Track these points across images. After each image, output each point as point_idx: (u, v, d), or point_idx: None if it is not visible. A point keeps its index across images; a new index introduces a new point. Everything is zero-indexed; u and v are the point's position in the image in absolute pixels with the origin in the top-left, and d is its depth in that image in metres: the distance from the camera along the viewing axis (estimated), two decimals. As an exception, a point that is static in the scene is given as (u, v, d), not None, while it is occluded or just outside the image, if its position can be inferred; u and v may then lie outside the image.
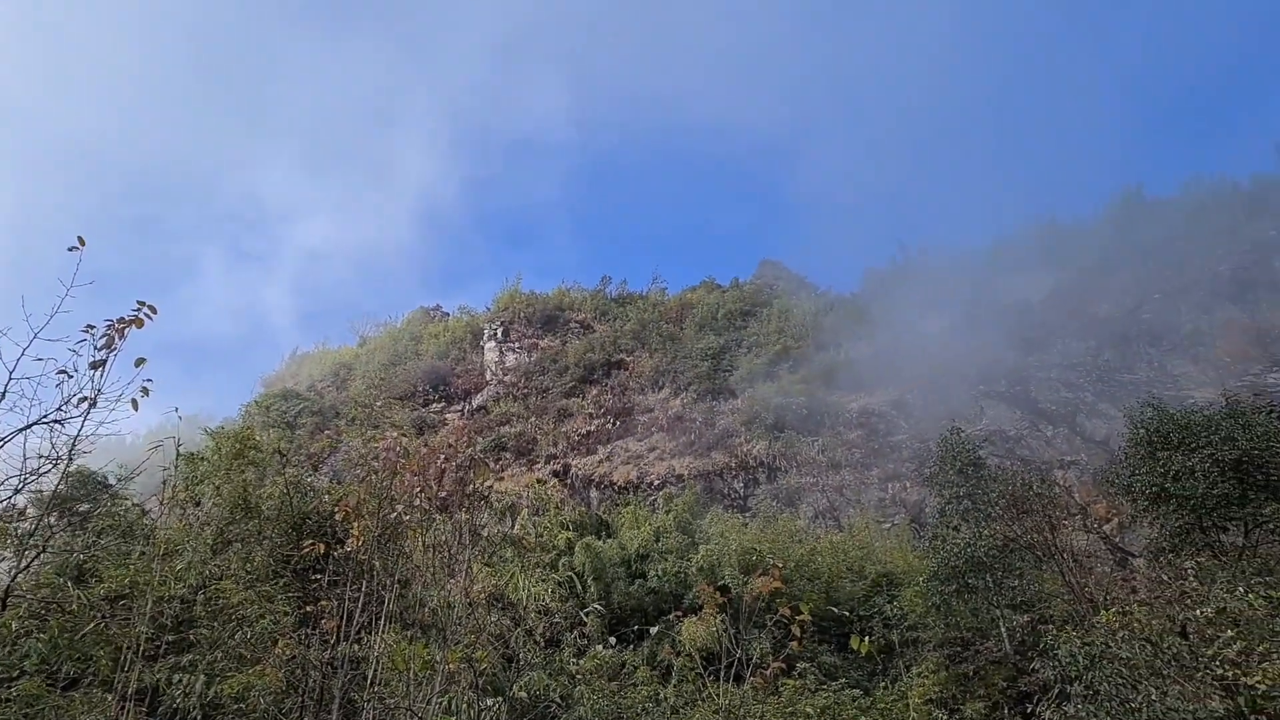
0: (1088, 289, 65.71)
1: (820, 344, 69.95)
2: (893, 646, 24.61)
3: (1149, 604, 15.36)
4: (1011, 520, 23.00)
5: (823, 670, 22.70)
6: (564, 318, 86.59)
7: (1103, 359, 56.55)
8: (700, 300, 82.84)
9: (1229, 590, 14.19)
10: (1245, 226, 65.80)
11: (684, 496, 37.39)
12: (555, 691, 12.47)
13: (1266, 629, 13.51)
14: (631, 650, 24.35)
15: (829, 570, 28.92)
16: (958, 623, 23.64)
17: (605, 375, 72.74)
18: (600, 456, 59.88)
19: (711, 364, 68.80)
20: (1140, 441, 22.19)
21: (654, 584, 27.81)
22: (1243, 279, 60.10)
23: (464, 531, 8.19)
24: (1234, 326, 57.46)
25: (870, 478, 50.93)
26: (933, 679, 20.96)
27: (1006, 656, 21.90)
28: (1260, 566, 19.82)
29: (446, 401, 75.17)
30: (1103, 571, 24.88)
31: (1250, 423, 21.17)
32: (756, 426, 57.17)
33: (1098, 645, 14.90)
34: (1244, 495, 20.57)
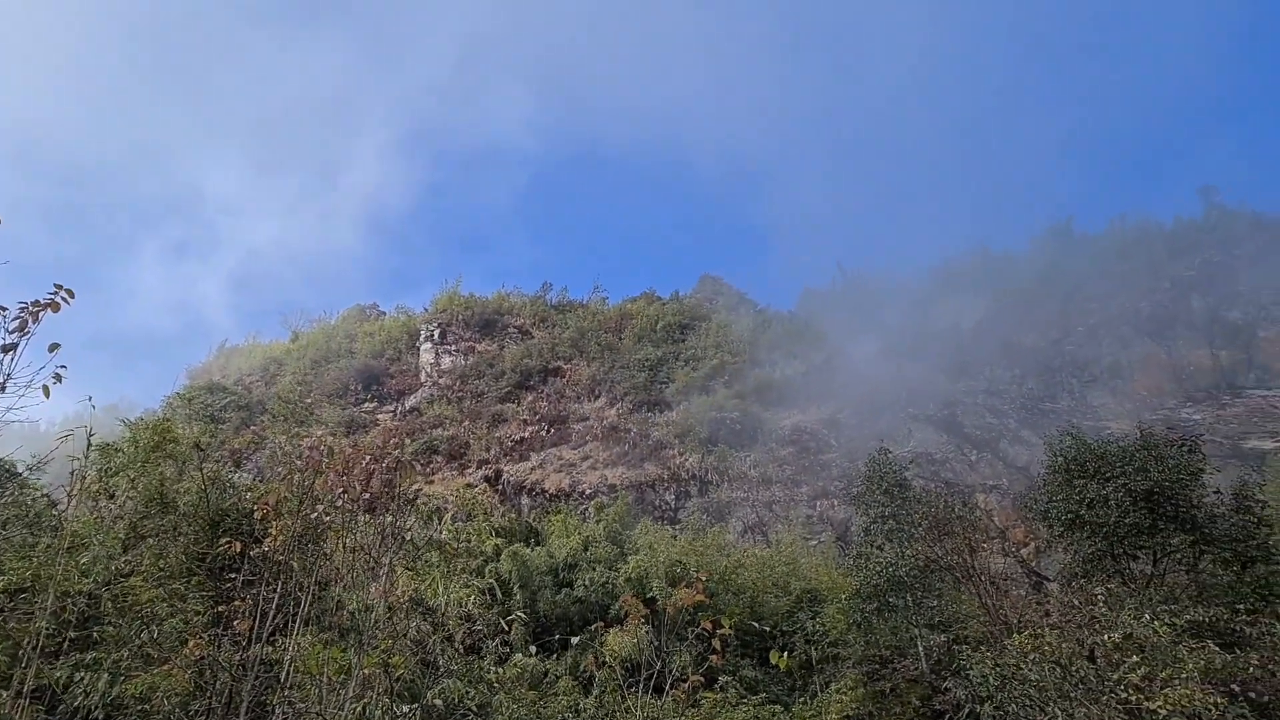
0: (1016, 319, 67.84)
1: (757, 360, 70.73)
2: (813, 662, 24.90)
3: (1060, 628, 15.84)
4: (933, 541, 23.50)
5: (744, 684, 22.83)
6: (503, 322, 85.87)
7: (1027, 387, 58.43)
8: (640, 311, 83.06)
9: (1136, 617, 14.72)
10: (1166, 266, 68.84)
11: (615, 507, 37.28)
12: (473, 700, 12.28)
13: (1169, 655, 14.07)
14: (555, 659, 24.15)
15: (754, 585, 29.14)
16: (877, 641, 24.04)
17: (542, 382, 72.33)
18: (533, 463, 59.45)
19: (648, 375, 68.99)
20: (1059, 469, 22.92)
21: (581, 593, 27.65)
22: (1161, 316, 62.82)
23: (388, 534, 8.02)
24: (1151, 362, 59.99)
25: (800, 494, 51.60)
26: (850, 696, 21.26)
27: (923, 675, 22.35)
28: (1166, 595, 20.65)
29: (379, 401, 73.80)
30: (1018, 595, 25.60)
31: (1162, 455, 22.06)
32: (690, 439, 57.48)
33: (1009, 667, 15.31)
34: (1154, 525, 21.40)
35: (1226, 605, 18.81)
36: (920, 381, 60.55)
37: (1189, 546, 21.47)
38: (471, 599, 11.12)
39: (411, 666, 9.18)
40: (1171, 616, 15.49)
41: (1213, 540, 21.35)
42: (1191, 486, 21.75)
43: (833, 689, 22.05)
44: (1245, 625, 17.34)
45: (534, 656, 22.79)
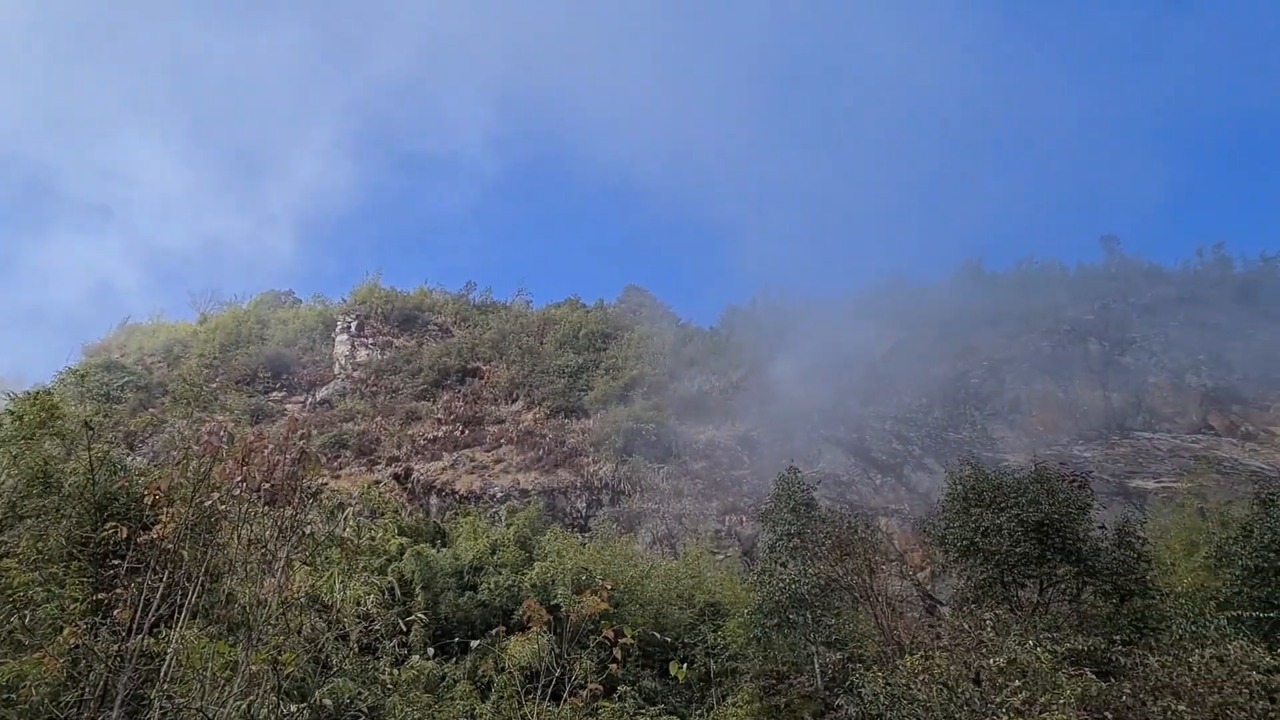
0: (927, 350, 70.16)
1: (676, 374, 71.29)
2: (712, 675, 25.14)
3: (949, 651, 16.38)
4: (835, 561, 24.05)
5: (643, 695, 22.89)
6: (423, 319, 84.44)
7: (933, 417, 60.46)
8: (564, 317, 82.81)
9: (1020, 643, 15.32)
10: (1068, 308, 72.28)
11: (526, 511, 36.98)
12: (366, 701, 11.93)
13: (1049, 681, 14.70)
14: (454, 663, 23.76)
15: (660, 596, 29.28)
16: (775, 656, 24.42)
17: (459, 382, 71.34)
18: (445, 463, 58.50)
19: (568, 382, 68.78)
20: (957, 497, 23.77)
21: (484, 597, 27.31)
22: (1061, 356, 65.92)
23: (286, 527, 7.77)
24: (1049, 399, 62.87)
25: (710, 509, 52.13)
26: (746, 709, 21.53)
27: (817, 692, 22.81)
28: (1050, 623, 21.57)
29: (288, 391, 71.56)
30: (913, 617, 26.40)
31: (1054, 489, 23.11)
32: (605, 448, 57.50)
33: (900, 686, 15.76)
34: (1042, 555, 22.38)
35: (1105, 635, 19.76)
36: (832, 404, 62.02)
37: (1073, 578, 22.52)
38: (370, 598, 10.85)
39: (303, 665, 8.89)
40: (1053, 644, 16.18)
41: (1095, 573, 22.44)
42: (1079, 520, 22.84)
43: (729, 702, 22.30)
44: (1121, 655, 18.24)
45: (432, 659, 22.39)
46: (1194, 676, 14.95)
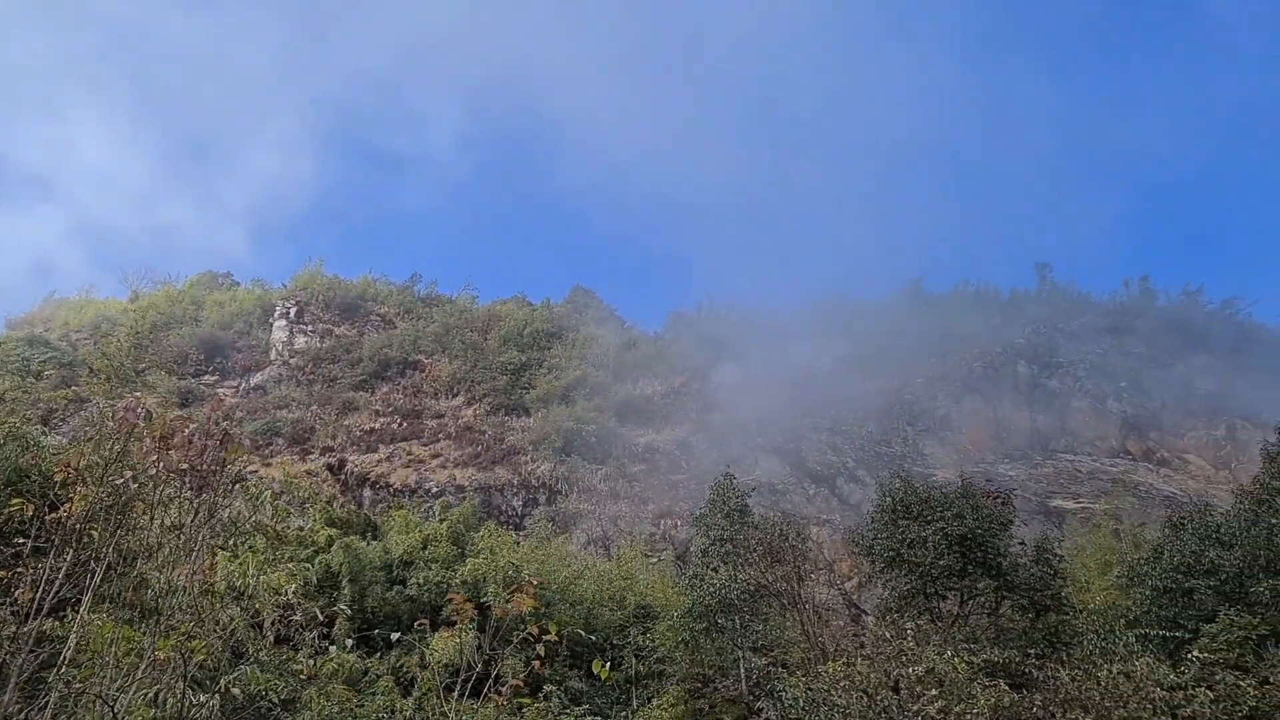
0: (865, 365, 71.50)
1: (619, 376, 71.36)
2: (638, 677, 25.22)
3: (871, 659, 16.72)
4: (766, 567, 24.35)
5: (568, 695, 22.84)
6: (365, 308, 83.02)
7: (867, 430, 61.65)
8: (509, 314, 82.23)
9: (939, 653, 15.72)
10: (1000, 331, 74.40)
11: (461, 507, 36.57)
12: (281, 692, 11.68)
13: (965, 692, 15.11)
14: (378, 658, 23.40)
15: (591, 597, 29.26)
16: (702, 659, 24.61)
17: (400, 374, 70.31)
18: (380, 456, 57.60)
19: (510, 379, 68.32)
20: (886, 509, 24.30)
21: (413, 592, 26.95)
22: (991, 377, 67.84)
23: (207, 511, 7.57)
24: (979, 418, 64.64)
25: (646, 512, 52.31)
26: (670, 712, 21.66)
27: (741, 696, 23.04)
28: (969, 634, 22.17)
29: (221, 375, 69.66)
30: (838, 625, 26.85)
31: (978, 505, 23.78)
32: (545, 448, 57.27)
33: (821, 692, 16.03)
34: (964, 569, 22.99)
35: (1020, 648, 20.39)
36: (771, 414, 62.78)
37: (992, 591, 23.18)
38: (292, 587, 10.61)
39: (217, 653, 8.67)
40: (970, 655, 16.65)
41: (1014, 587, 23.14)
42: (1000, 536, 23.53)
43: (654, 704, 22.39)
44: (1034, 668, 18.83)
45: (355, 653, 22.03)
46: (1101, 691, 15.51)
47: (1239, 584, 21.93)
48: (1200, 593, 22.62)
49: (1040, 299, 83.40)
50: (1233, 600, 21.67)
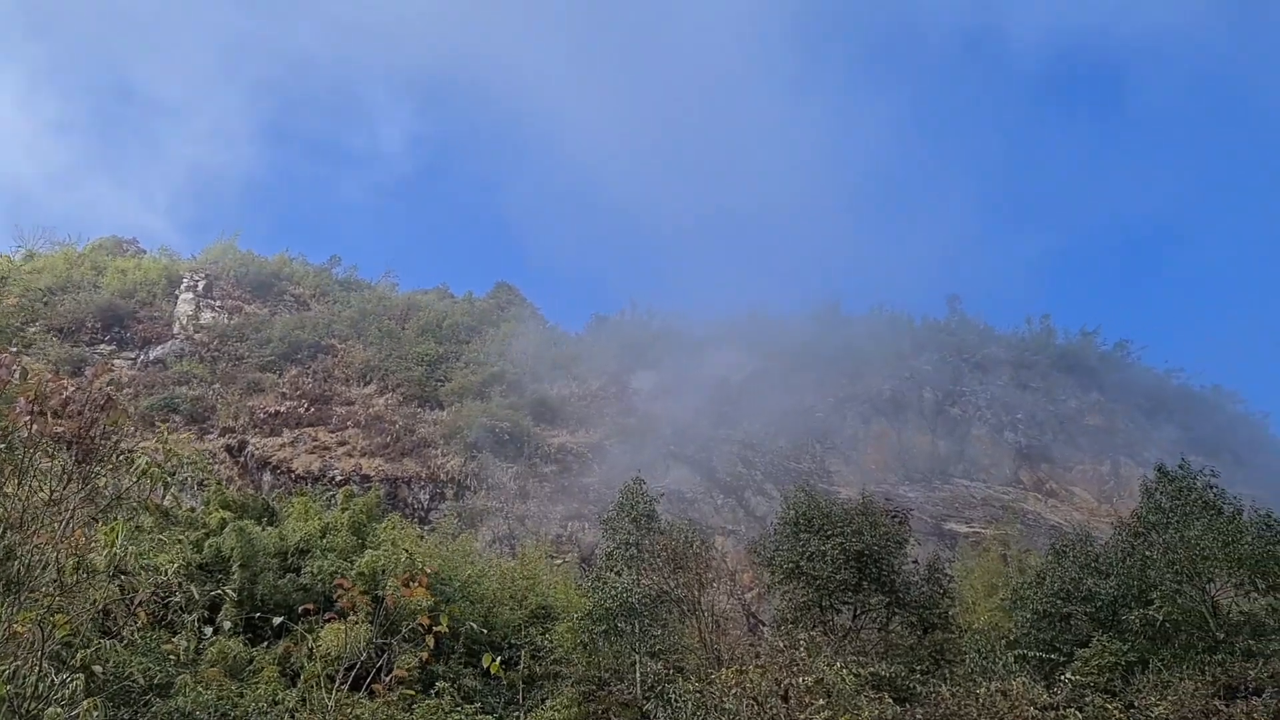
0: (779, 381, 72.80)
1: (537, 375, 70.94)
2: (534, 677, 25.06)
3: (764, 668, 17.01)
4: (669, 574, 24.54)
5: (462, 692, 22.54)
6: (279, 288, 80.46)
7: (777, 445, 62.83)
8: (429, 305, 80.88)
9: (829, 664, 16.10)
10: (910, 357, 76.78)
11: (365, 498, 35.69)
12: (156, 676, 11.13)
13: (851, 703, 15.53)
14: (265, 647, 22.66)
15: (493, 595, 28.96)
16: (599, 662, 24.61)
17: (311, 358, 68.26)
18: (284, 440, 55.83)
19: (426, 370, 67.12)
20: (789, 522, 24.81)
21: (307, 581, 26.18)
22: (899, 401, 69.97)
23: (82, 481, 7.20)
24: (884, 439, 66.60)
25: (554, 512, 52.09)
26: (563, 713, 21.58)
27: (635, 700, 23.11)
28: (859, 648, 22.79)
29: (119, 345, 66.26)
30: (735, 634, 27.23)
31: (877, 523, 24.50)
32: (456, 442, 56.46)
33: (713, 698, 16.24)
34: (859, 584, 23.65)
35: (906, 663, 21.10)
36: (685, 423, 63.34)
37: (884, 607, 23.91)
38: (173, 567, 10.09)
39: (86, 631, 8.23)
40: (859, 668, 17.12)
41: (904, 604, 23.91)
42: (896, 554, 24.30)
43: (547, 705, 22.28)
44: (918, 683, 19.52)
45: (239, 640, 21.27)
46: (979, 707, 16.17)
47: (1112, 612, 23.17)
48: (1077, 618, 23.81)
49: (949, 330, 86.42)
50: (1106, 627, 22.88)
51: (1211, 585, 21.61)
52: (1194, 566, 21.38)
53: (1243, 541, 21.38)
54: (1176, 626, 21.64)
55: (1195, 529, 21.86)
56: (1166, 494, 24.75)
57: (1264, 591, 21.25)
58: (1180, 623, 21.62)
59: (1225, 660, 19.56)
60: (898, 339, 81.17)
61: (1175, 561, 21.81)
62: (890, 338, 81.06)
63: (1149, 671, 20.04)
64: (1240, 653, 19.91)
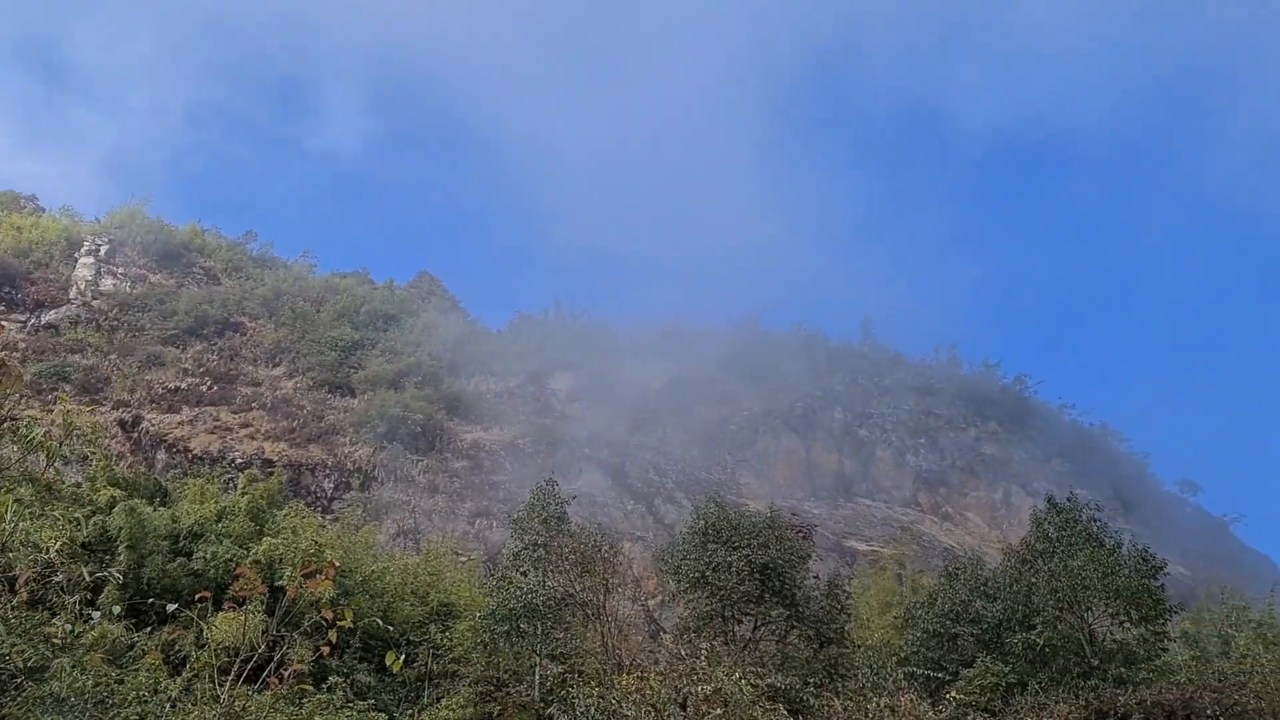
0: (696, 391, 73.67)
1: (455, 369, 70.02)
2: (432, 676, 24.69)
3: (664, 675, 17.22)
4: (575, 577, 24.52)
5: (354, 689, 22.04)
6: (189, 259, 77.30)
7: (690, 454, 63.54)
8: (348, 289, 78.96)
9: (728, 674, 16.40)
10: (824, 377, 78.71)
11: (267, 483, 34.48)
12: (28, 659, 10.52)
13: (748, 712, 15.85)
14: (149, 634, 21.73)
15: (394, 590, 28.38)
16: (499, 663, 24.42)
17: (217, 334, 65.77)
18: (183, 418, 53.58)
19: (339, 356, 65.45)
20: (698, 531, 25.13)
21: (199, 566, 25.15)
22: (810, 419, 71.63)
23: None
24: (793, 455, 68.07)
25: (462, 509, 51.44)
26: (458, 714, 21.33)
27: (533, 703, 23.02)
28: (758, 659, 23.24)
29: (9, 307, 62.45)
30: (638, 640, 27.41)
31: (783, 537, 25.02)
32: (366, 431, 55.22)
33: (612, 703, 16.33)
34: (762, 596, 24.10)
35: (801, 676, 21.61)
36: (601, 427, 63.45)
37: (784, 620, 24.43)
38: (56, 545, 9.60)
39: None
40: (756, 678, 17.48)
41: (803, 618, 24.48)
42: (799, 569, 24.87)
43: (443, 704, 22.00)
44: (812, 696, 20.04)
45: (122, 624, 20.33)
46: (867, 721, 16.73)
47: (997, 634, 24.25)
48: (964, 639, 24.83)
49: (861, 352, 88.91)
50: (990, 648, 23.93)
51: (1089, 614, 22.80)
52: (1075, 595, 22.54)
53: (1120, 574, 22.65)
54: (1055, 651, 22.77)
55: (1078, 559, 23.04)
56: (1054, 524, 26.02)
57: (1136, 622, 22.55)
58: (1059, 648, 22.75)
59: (1098, 686, 20.68)
60: (813, 358, 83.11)
61: (1058, 589, 22.95)
62: (806, 357, 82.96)
63: (1027, 693, 21.05)
64: (1112, 679, 21.09)
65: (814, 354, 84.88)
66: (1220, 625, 27.86)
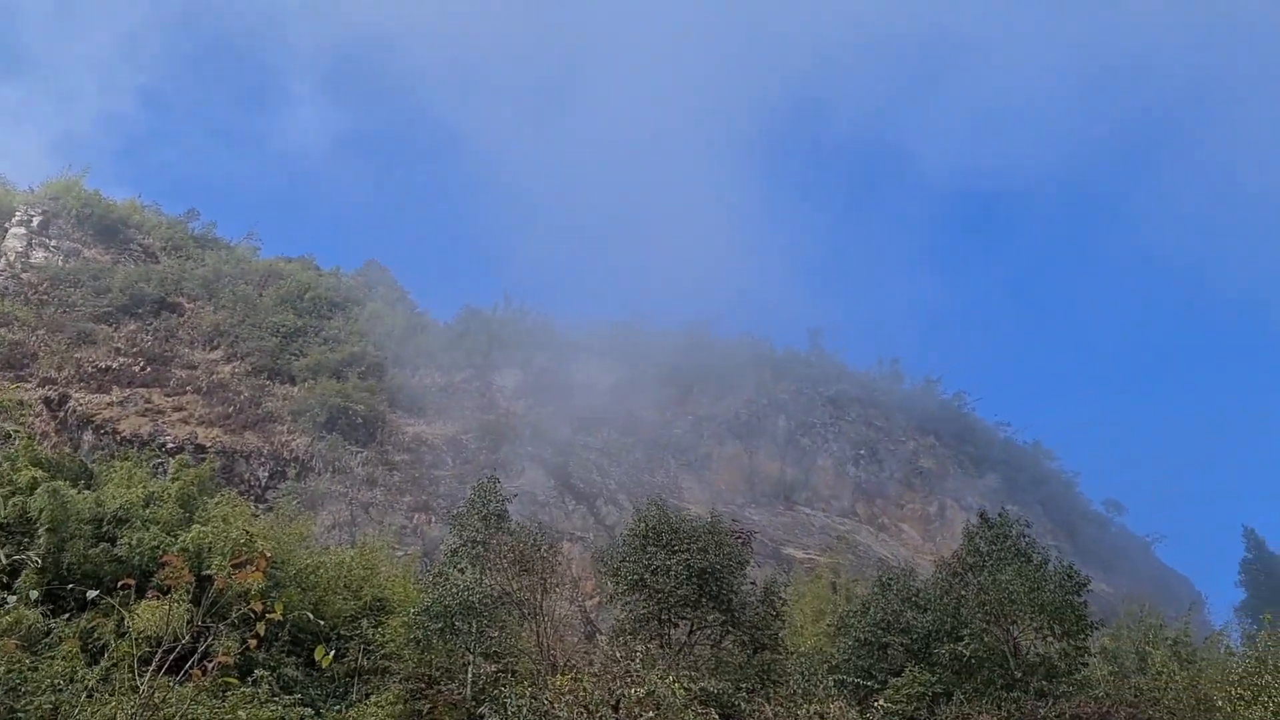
0: (643, 393, 73.81)
1: (400, 360, 69.04)
2: (362, 672, 24.29)
3: (598, 677, 17.19)
4: (513, 575, 24.34)
5: (281, 683, 21.56)
6: (127, 235, 74.79)
7: (633, 456, 63.64)
8: (292, 274, 77.24)
9: (662, 677, 16.44)
10: (770, 385, 79.52)
11: (199, 469, 33.55)
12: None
13: (679, 716, 15.90)
14: (67, 620, 20.96)
15: (326, 583, 27.85)
16: (431, 660, 24.13)
17: (154, 314, 63.77)
18: (112, 398, 51.87)
19: (280, 342, 64.01)
20: (638, 534, 25.15)
21: (123, 552, 24.37)
22: (754, 426, 72.34)
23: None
24: (736, 461, 68.65)
25: (401, 503, 50.74)
26: (387, 710, 21.00)
27: (464, 701, 22.79)
28: (692, 663, 23.33)
29: (-71, 276, 59.85)
30: (573, 641, 27.32)
31: (722, 542, 25.15)
32: (305, 420, 54.11)
33: (545, 704, 16.26)
34: (699, 600, 24.20)
35: (734, 681, 21.76)
36: (546, 425, 63.18)
37: (720, 625, 24.57)
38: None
39: None
40: (690, 682, 17.55)
41: (739, 624, 24.65)
42: (737, 574, 25.03)
43: (372, 700, 21.65)
44: (744, 701, 20.20)
45: (38, 609, 19.59)
46: (796, 727, 16.92)
47: (926, 644, 24.76)
48: (893, 648, 25.30)
49: (807, 362, 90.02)
50: (919, 658, 24.42)
51: (1015, 627, 23.40)
52: (1002, 609, 23.12)
53: (1046, 589, 23.31)
54: (981, 662, 23.33)
55: (1007, 574, 23.65)
56: (985, 539, 26.68)
57: (1059, 637, 23.22)
58: (985, 659, 23.32)
59: (1020, 698, 21.25)
60: (760, 367, 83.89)
61: (986, 603, 23.51)
62: (753, 365, 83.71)
63: (953, 703, 21.53)
64: (1034, 692, 21.69)
65: (761, 362, 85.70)
66: (1138, 642, 28.85)
